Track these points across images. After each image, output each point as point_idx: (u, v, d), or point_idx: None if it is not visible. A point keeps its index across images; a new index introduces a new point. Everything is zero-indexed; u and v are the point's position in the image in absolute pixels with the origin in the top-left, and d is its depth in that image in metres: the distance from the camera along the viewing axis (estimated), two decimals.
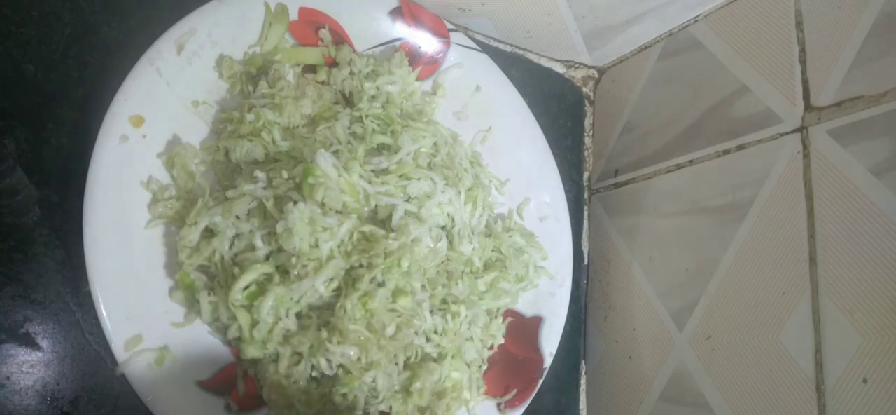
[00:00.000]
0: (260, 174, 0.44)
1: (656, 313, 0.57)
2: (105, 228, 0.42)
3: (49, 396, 0.42)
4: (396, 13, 0.54)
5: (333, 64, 0.52)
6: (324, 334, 0.43)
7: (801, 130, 0.46)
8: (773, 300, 0.46)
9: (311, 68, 0.52)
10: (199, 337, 0.45)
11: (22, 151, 0.43)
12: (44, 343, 0.42)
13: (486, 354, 0.54)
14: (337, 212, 0.44)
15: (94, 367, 0.43)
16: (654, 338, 0.57)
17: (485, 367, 0.54)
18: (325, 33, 0.52)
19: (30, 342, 0.42)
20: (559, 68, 0.69)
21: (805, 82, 0.47)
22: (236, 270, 0.43)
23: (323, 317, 0.45)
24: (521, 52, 0.66)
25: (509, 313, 0.57)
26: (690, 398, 0.51)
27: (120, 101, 0.43)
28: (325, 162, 0.43)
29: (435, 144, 0.52)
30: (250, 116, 0.46)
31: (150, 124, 0.45)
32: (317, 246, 0.43)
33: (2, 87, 0.43)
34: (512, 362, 0.56)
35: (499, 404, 0.55)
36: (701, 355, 0.51)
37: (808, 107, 0.46)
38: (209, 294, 0.44)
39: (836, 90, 0.44)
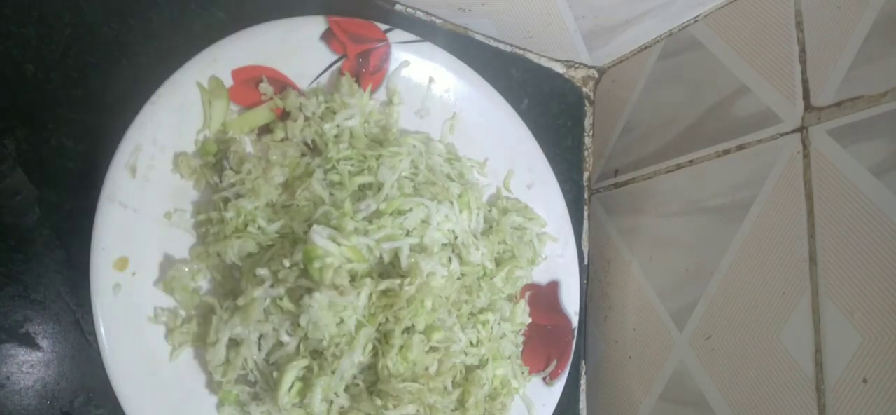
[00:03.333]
0: (263, 272, 0.44)
1: (656, 313, 0.57)
2: (134, 378, 0.42)
3: (49, 396, 0.42)
4: (327, 36, 0.51)
5: (284, 115, 0.50)
6: (378, 401, 0.44)
7: (801, 130, 0.46)
8: (772, 300, 0.46)
9: (266, 128, 0.49)
10: None
11: (22, 151, 0.43)
12: (44, 343, 0.42)
13: (520, 339, 0.56)
14: (350, 281, 0.44)
15: (94, 367, 0.43)
16: (653, 338, 0.57)
17: (521, 348, 0.56)
18: (265, 86, 0.49)
19: (30, 342, 0.42)
20: (559, 68, 0.69)
21: (805, 82, 0.47)
22: (274, 372, 0.44)
23: (368, 378, 0.46)
24: (521, 52, 0.66)
25: (526, 287, 0.58)
26: (690, 398, 0.51)
27: (98, 252, 0.42)
28: (321, 239, 0.43)
29: (412, 162, 0.51)
30: (230, 214, 0.44)
31: (135, 260, 0.43)
32: (342, 322, 0.44)
33: (2, 88, 0.43)
34: (543, 333, 0.58)
35: (544, 378, 0.57)
36: (701, 355, 0.51)
37: (808, 107, 0.46)
38: (258, 404, 0.44)
39: (836, 90, 0.44)
